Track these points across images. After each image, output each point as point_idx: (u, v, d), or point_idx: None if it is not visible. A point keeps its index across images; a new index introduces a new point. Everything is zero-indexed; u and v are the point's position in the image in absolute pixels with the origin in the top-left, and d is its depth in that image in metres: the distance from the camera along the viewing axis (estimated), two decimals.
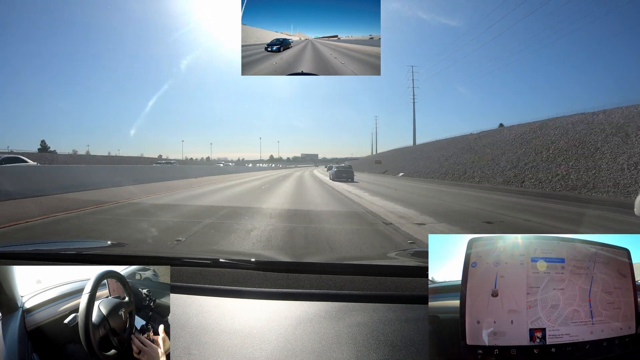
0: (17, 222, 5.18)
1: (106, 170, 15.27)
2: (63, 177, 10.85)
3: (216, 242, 4.24)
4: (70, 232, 4.76)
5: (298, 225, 5.36)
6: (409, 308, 0.90)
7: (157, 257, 1.27)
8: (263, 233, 4.65)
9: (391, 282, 1.01)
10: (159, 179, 16.58)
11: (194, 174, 23.06)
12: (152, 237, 4.41)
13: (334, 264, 1.25)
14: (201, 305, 0.90)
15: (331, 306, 0.90)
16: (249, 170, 46.19)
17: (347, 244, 4.15)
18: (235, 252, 2.54)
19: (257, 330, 0.81)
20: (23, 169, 11.26)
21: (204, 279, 1.03)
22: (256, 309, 0.89)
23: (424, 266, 1.03)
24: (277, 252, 3.72)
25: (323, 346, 0.76)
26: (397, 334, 0.79)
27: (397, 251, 1.77)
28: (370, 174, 36.10)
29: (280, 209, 7.18)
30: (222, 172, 32.03)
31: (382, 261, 1.42)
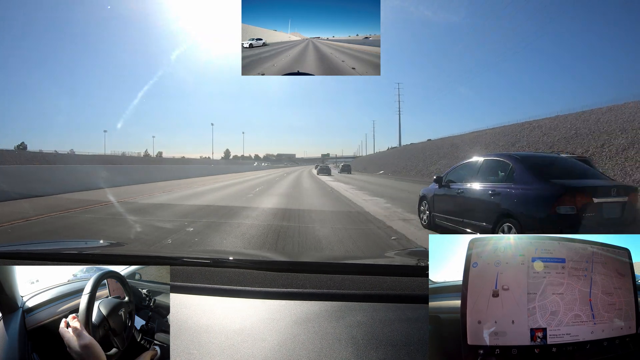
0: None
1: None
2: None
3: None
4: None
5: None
6: (409, 308, 0.90)
7: (157, 257, 1.27)
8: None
9: (391, 282, 1.01)
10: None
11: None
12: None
13: (333, 264, 1.25)
14: (201, 305, 0.90)
15: (331, 306, 0.90)
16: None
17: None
18: (235, 252, 2.54)
19: (256, 330, 0.81)
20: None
21: (204, 278, 1.03)
22: (256, 308, 0.89)
23: (424, 266, 1.03)
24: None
25: (323, 346, 0.76)
26: (397, 334, 0.79)
27: (397, 251, 1.77)
28: (352, 172, 44.96)
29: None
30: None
31: (382, 261, 1.42)
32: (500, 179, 4.33)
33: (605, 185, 3.87)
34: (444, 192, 5.32)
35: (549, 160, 4.84)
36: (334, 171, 44.58)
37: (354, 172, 44.12)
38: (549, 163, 4.58)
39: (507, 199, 3.98)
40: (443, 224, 5.31)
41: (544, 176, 3.95)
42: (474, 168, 4.95)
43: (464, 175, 5.07)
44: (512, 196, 3.94)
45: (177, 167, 31.24)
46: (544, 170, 4.10)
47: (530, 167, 4.12)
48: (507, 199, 3.97)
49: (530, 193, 3.81)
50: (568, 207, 3.46)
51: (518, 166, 4.15)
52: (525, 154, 5.08)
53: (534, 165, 4.20)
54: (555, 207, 3.50)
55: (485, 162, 4.86)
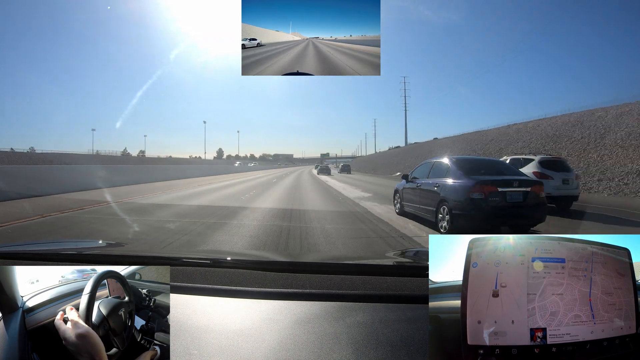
0: None
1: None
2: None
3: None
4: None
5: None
6: (409, 308, 0.90)
7: (157, 257, 1.27)
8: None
9: (391, 282, 1.01)
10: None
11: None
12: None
13: (333, 264, 1.25)
14: (201, 305, 0.90)
15: (331, 306, 0.90)
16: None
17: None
18: (235, 252, 2.54)
19: (256, 330, 0.81)
20: None
21: (204, 279, 1.03)
22: (256, 309, 0.89)
23: (424, 266, 1.03)
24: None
25: (323, 346, 0.76)
26: (397, 334, 0.79)
27: (397, 251, 1.77)
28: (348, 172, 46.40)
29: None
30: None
31: (382, 261, 1.42)
32: (442, 175, 5.90)
33: (509, 179, 5.29)
34: (409, 186, 6.90)
35: (477, 162, 6.86)
36: (334, 171, 45.16)
37: (353, 172, 44.48)
38: (476, 164, 6.25)
39: (443, 189, 5.57)
40: (409, 210, 6.83)
41: (467, 173, 5.45)
42: (428, 168, 6.53)
43: (422, 173, 6.67)
44: (446, 187, 5.54)
45: (147, 167, 25.23)
46: (468, 169, 5.61)
47: (460, 167, 5.67)
48: (444, 189, 5.57)
49: (456, 185, 5.37)
50: (478, 193, 5.02)
51: (452, 166, 5.74)
52: (460, 158, 6.52)
53: (463, 166, 5.74)
54: (469, 193, 5.05)
55: (434, 163, 6.44)
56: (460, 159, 6.17)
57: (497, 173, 5.67)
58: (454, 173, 5.57)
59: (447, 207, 5.29)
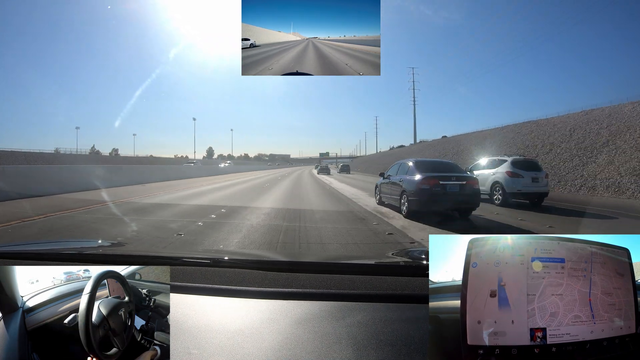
0: None
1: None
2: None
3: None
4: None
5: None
6: (409, 308, 0.90)
7: (156, 257, 1.27)
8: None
9: (391, 282, 1.01)
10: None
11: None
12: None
13: (333, 264, 1.25)
14: (201, 305, 0.90)
15: (331, 306, 0.90)
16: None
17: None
18: (235, 252, 2.54)
19: (257, 330, 0.81)
20: None
21: (204, 278, 1.03)
22: (256, 308, 0.89)
23: (424, 266, 1.03)
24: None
25: (323, 346, 0.76)
26: (397, 334, 0.79)
27: (397, 251, 1.77)
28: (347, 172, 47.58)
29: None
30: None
31: (382, 260, 1.42)
32: (404, 173, 7.73)
33: (449, 175, 7.05)
34: (384, 181, 8.87)
35: (430, 163, 8.67)
36: (333, 171, 45.94)
37: (353, 172, 44.66)
38: (429, 165, 8.01)
39: (404, 182, 7.39)
40: (385, 200, 8.77)
41: (421, 171, 7.20)
42: (397, 167, 8.42)
43: (393, 171, 8.51)
44: (406, 181, 7.34)
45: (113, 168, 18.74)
46: (423, 168, 7.37)
47: (417, 167, 7.46)
48: (404, 183, 7.38)
49: (412, 179, 7.12)
50: (424, 185, 6.76)
51: (412, 166, 7.57)
52: (419, 160, 8.41)
53: (420, 166, 7.53)
54: (419, 185, 6.83)
55: (401, 163, 8.26)
56: (418, 161, 8.04)
57: (443, 171, 7.42)
58: (411, 171, 7.43)
59: (406, 196, 7.16)
